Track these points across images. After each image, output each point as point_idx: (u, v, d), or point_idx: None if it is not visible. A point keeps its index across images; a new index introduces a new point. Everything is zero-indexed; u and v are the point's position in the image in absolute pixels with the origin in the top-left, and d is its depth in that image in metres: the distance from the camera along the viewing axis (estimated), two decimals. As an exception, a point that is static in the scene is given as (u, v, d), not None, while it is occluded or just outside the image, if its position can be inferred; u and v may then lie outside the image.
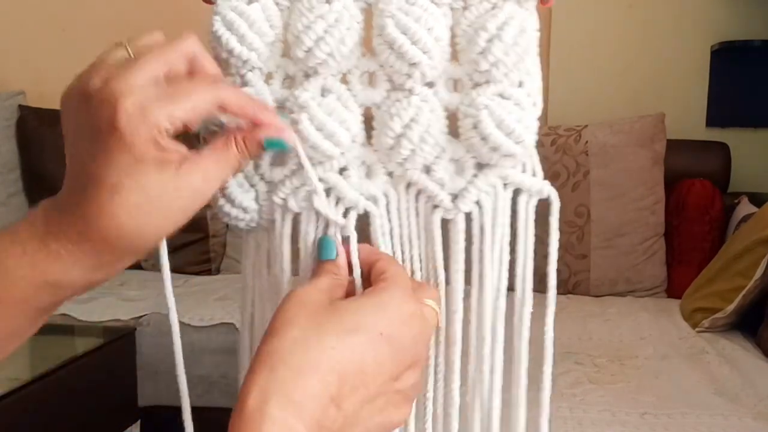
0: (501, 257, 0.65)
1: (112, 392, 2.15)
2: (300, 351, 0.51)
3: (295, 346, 0.51)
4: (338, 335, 0.52)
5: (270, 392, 0.49)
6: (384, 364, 0.54)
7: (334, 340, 0.52)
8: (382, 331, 0.54)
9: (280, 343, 0.51)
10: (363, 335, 0.53)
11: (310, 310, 0.54)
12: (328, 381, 0.50)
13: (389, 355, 0.54)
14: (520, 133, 0.60)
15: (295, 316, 0.53)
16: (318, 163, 0.63)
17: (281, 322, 0.53)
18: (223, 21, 0.62)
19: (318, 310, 0.54)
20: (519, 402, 0.66)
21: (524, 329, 0.66)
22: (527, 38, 0.61)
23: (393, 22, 0.60)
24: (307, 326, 0.52)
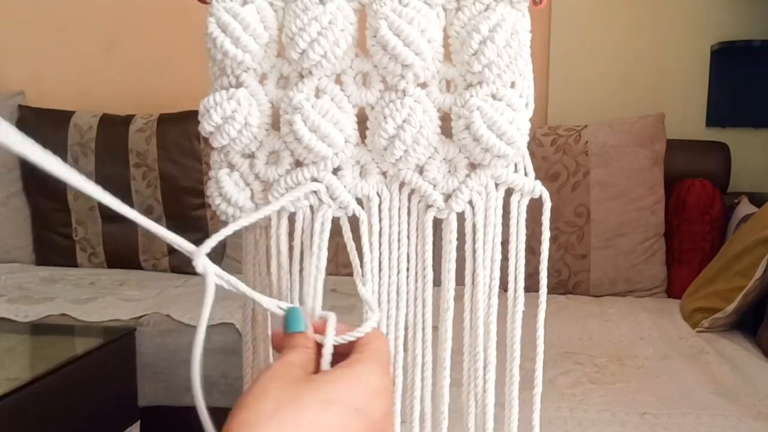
0: (493, 256, 0.65)
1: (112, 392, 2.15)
2: (275, 423, 0.48)
3: (270, 419, 0.49)
4: (315, 408, 0.50)
5: None
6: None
7: (311, 414, 0.50)
8: (357, 406, 0.52)
9: (254, 416, 0.49)
10: (339, 408, 0.51)
11: (285, 382, 0.52)
12: None
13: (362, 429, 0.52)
14: (512, 134, 0.61)
15: (269, 389, 0.51)
16: (312, 163, 0.63)
17: (255, 394, 0.51)
18: (217, 23, 0.62)
19: (293, 383, 0.52)
20: (512, 400, 0.66)
21: (517, 328, 0.66)
22: (520, 40, 0.61)
23: (386, 23, 0.61)
24: (283, 398, 0.50)
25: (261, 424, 0.48)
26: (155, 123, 2.94)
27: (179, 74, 3.10)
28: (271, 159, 0.65)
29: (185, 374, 2.55)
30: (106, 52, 3.27)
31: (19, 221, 3.07)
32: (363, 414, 0.52)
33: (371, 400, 0.53)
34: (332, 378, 0.53)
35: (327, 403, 0.51)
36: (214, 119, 0.63)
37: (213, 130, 0.63)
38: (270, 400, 0.50)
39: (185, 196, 2.90)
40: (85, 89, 3.27)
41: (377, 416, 0.53)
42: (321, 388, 0.52)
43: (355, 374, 0.54)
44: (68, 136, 2.97)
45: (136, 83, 3.24)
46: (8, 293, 2.54)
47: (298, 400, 0.50)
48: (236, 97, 0.63)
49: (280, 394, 0.50)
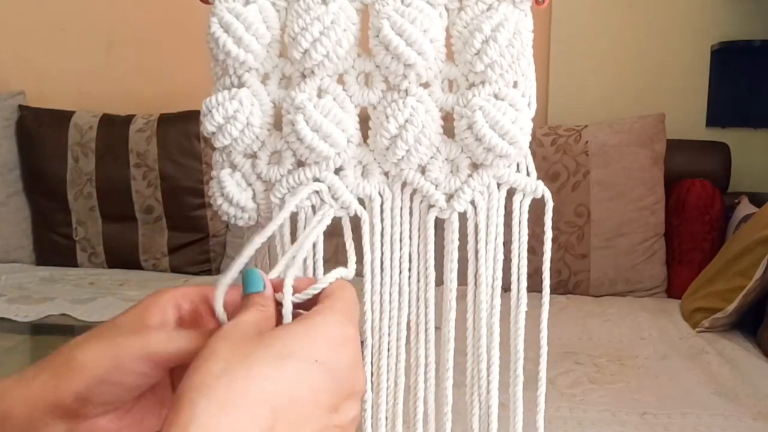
0: (495, 256, 0.65)
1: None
2: (224, 383, 0.45)
3: (218, 380, 0.45)
4: (268, 363, 0.47)
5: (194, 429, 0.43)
6: (321, 394, 0.49)
7: (265, 369, 0.46)
8: (316, 357, 0.49)
9: (200, 378, 0.45)
10: (295, 362, 0.48)
11: (235, 341, 0.48)
12: (258, 414, 0.45)
13: (326, 383, 0.49)
14: (514, 133, 0.61)
15: (218, 349, 0.47)
16: (314, 163, 0.64)
17: (203, 357, 0.47)
18: (220, 23, 0.62)
19: (243, 341, 0.49)
20: (516, 400, 0.66)
21: (520, 328, 0.66)
22: (522, 39, 0.61)
23: (389, 23, 0.61)
24: (232, 357, 0.47)
25: (210, 386, 0.45)
26: (155, 123, 2.93)
27: (179, 74, 3.10)
28: (273, 159, 0.65)
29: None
30: (106, 52, 3.27)
31: (19, 221, 3.07)
32: (324, 366, 0.49)
33: (332, 350, 0.50)
34: (287, 332, 0.50)
35: (281, 357, 0.48)
36: (216, 119, 0.63)
37: (215, 130, 0.63)
38: (219, 360, 0.46)
39: (185, 196, 2.90)
40: (85, 89, 3.27)
41: (342, 367, 0.50)
42: (274, 343, 0.48)
43: (314, 325, 0.51)
44: (68, 136, 2.97)
45: (136, 83, 3.24)
46: (8, 293, 2.54)
47: (248, 357, 0.47)
48: (238, 97, 0.63)
49: (229, 354, 0.47)
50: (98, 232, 2.99)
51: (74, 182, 2.97)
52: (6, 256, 3.05)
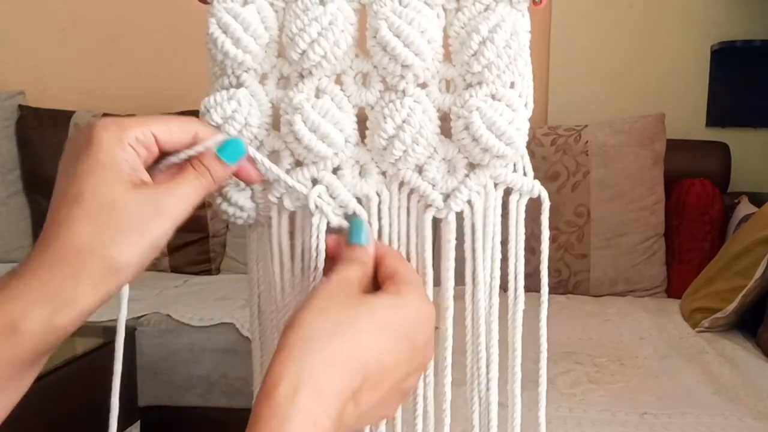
0: (492, 256, 0.65)
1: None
2: (334, 343, 0.50)
3: (330, 337, 0.50)
4: (371, 332, 0.52)
5: (302, 381, 0.48)
6: (401, 366, 0.54)
7: (367, 336, 0.52)
8: (405, 332, 0.54)
9: (314, 331, 0.51)
10: (391, 336, 0.53)
11: (343, 301, 0.53)
12: (355, 375, 0.50)
13: (407, 357, 0.54)
14: (511, 134, 0.61)
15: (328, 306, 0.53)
16: (312, 163, 0.64)
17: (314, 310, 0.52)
18: (218, 23, 0.62)
19: (351, 303, 0.54)
20: (514, 398, 0.67)
21: (517, 327, 0.66)
22: (519, 40, 0.61)
23: (386, 24, 0.61)
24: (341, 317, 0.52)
25: (322, 342, 0.50)
26: (155, 123, 2.93)
27: (179, 74, 3.10)
28: (272, 159, 0.65)
29: (185, 374, 2.55)
30: (106, 52, 3.27)
31: (19, 221, 3.07)
32: (410, 342, 0.55)
33: (417, 327, 0.56)
34: (387, 304, 0.55)
35: (381, 328, 0.53)
36: (214, 119, 0.63)
37: None
38: (329, 320, 0.51)
39: (185, 196, 2.89)
40: (85, 89, 3.27)
41: (421, 342, 0.56)
42: (376, 314, 0.54)
43: (406, 302, 0.56)
44: (68, 136, 2.97)
45: (136, 83, 3.24)
46: (8, 293, 2.53)
47: (354, 322, 0.52)
48: (236, 97, 0.63)
49: (338, 315, 0.52)
50: (98, 232, 2.98)
51: (74, 182, 2.96)
52: (6, 256, 3.05)
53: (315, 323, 0.51)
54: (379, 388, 0.52)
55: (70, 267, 0.52)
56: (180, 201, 0.56)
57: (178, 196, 0.56)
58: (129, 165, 0.56)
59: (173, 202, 0.56)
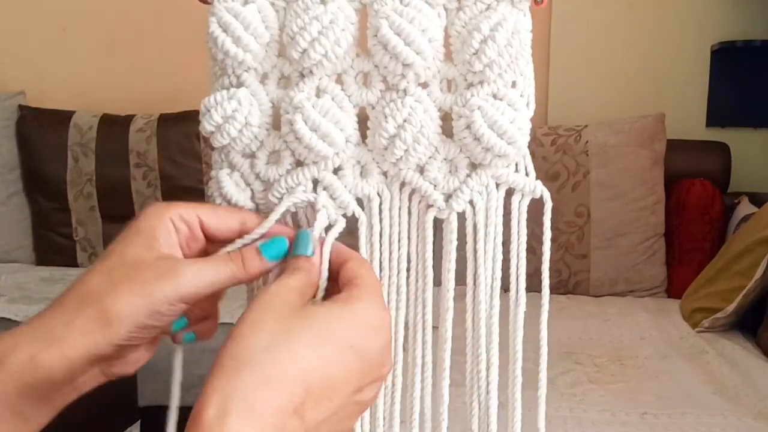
0: (494, 256, 0.65)
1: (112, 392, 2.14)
2: (268, 358, 0.48)
3: (262, 353, 0.48)
4: (309, 345, 0.49)
5: (232, 402, 0.45)
6: (351, 377, 0.51)
7: (304, 350, 0.49)
8: (352, 343, 0.51)
9: (246, 348, 0.48)
10: (334, 347, 0.50)
11: (280, 313, 0.51)
12: (294, 392, 0.47)
13: (357, 368, 0.51)
14: (513, 133, 0.61)
15: (262, 319, 0.50)
16: (313, 163, 0.64)
17: (248, 324, 0.50)
18: (218, 22, 0.62)
19: (288, 314, 0.51)
20: (515, 401, 0.66)
21: (518, 328, 0.66)
22: (521, 39, 0.61)
23: (387, 23, 0.61)
24: (276, 331, 0.49)
25: (254, 360, 0.47)
26: (155, 123, 2.94)
27: (179, 74, 3.10)
28: (272, 159, 0.65)
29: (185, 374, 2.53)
30: (106, 52, 3.27)
31: (19, 221, 3.07)
32: (358, 350, 0.51)
33: (367, 336, 0.52)
34: (328, 314, 0.52)
35: (321, 339, 0.50)
36: (214, 119, 0.63)
37: (213, 129, 0.63)
38: (263, 334, 0.49)
39: (185, 196, 2.89)
40: (85, 89, 3.27)
41: (374, 352, 0.53)
42: (315, 325, 0.51)
43: (353, 311, 0.53)
44: (68, 136, 2.97)
45: (136, 83, 3.24)
46: (8, 293, 2.54)
47: (292, 334, 0.49)
48: (237, 96, 0.63)
49: (273, 328, 0.49)
50: (98, 232, 2.99)
51: (74, 182, 2.97)
52: (6, 256, 3.05)
53: (248, 339, 0.49)
54: (326, 402, 0.50)
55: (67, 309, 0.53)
56: (195, 276, 0.55)
57: (195, 270, 0.55)
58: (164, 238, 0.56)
59: (188, 274, 0.55)
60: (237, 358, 0.48)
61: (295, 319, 0.51)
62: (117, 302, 0.52)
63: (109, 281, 0.53)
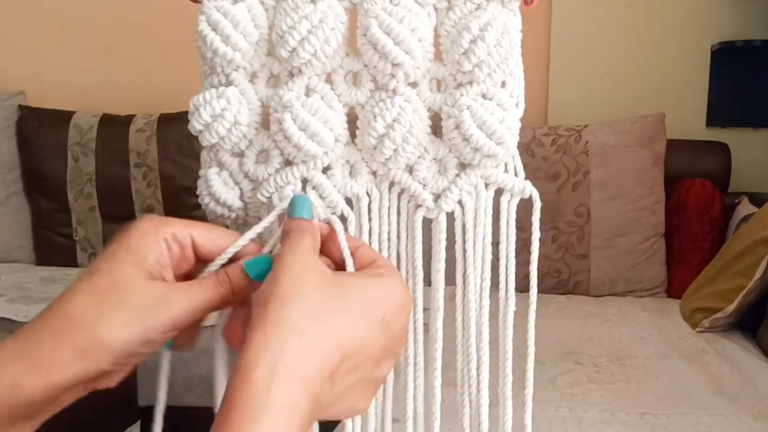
0: (483, 256, 0.65)
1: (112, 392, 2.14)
2: (312, 326, 0.50)
3: (307, 320, 0.50)
4: (350, 315, 0.52)
5: (280, 365, 0.47)
6: (376, 349, 0.53)
7: (345, 319, 0.51)
8: (384, 316, 0.54)
9: (291, 313, 0.50)
10: (369, 317, 0.53)
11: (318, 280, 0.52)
12: (332, 358, 0.50)
13: (384, 341, 0.54)
14: (502, 133, 0.61)
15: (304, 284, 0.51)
16: (302, 162, 0.63)
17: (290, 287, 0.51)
18: (207, 21, 0.62)
19: (326, 282, 0.53)
20: (505, 400, 0.66)
21: (508, 328, 0.66)
22: (510, 39, 0.61)
23: (377, 22, 0.61)
24: (318, 299, 0.51)
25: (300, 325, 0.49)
26: (155, 123, 2.94)
27: (179, 74, 3.09)
28: (261, 158, 0.65)
29: (185, 374, 2.55)
30: (106, 52, 3.27)
31: (19, 221, 3.08)
32: (387, 325, 0.54)
33: (396, 313, 0.55)
34: (363, 285, 0.55)
35: (361, 308, 0.53)
36: (203, 117, 0.63)
37: (202, 128, 0.63)
38: (310, 298, 0.51)
39: (185, 196, 2.90)
40: (85, 89, 3.27)
41: (397, 329, 0.55)
42: (357, 293, 0.53)
43: (385, 286, 0.55)
44: (68, 136, 2.97)
45: (136, 83, 3.24)
46: (8, 293, 2.54)
47: (336, 300, 0.52)
48: (226, 95, 0.63)
49: (318, 291, 0.51)
50: (98, 232, 2.99)
51: (74, 182, 2.97)
52: (6, 256, 3.05)
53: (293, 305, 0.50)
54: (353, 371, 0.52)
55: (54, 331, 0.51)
56: (187, 300, 0.55)
57: (186, 295, 0.55)
58: (155, 258, 0.55)
59: (180, 300, 0.55)
60: (284, 322, 0.49)
61: (336, 286, 0.53)
62: (109, 331, 0.52)
63: (98, 305, 0.52)
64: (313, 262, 0.54)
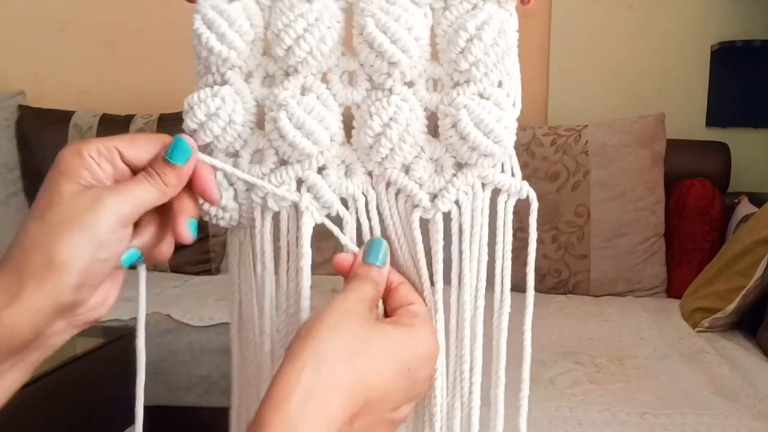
0: (480, 257, 0.65)
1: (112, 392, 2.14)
2: (346, 363, 0.52)
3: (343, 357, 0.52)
4: (381, 361, 0.54)
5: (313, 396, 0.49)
6: (398, 396, 0.55)
7: (375, 365, 0.53)
8: (410, 366, 0.56)
9: (329, 347, 0.52)
10: (397, 367, 0.55)
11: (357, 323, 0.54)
12: (357, 399, 0.52)
13: (406, 389, 0.56)
14: (498, 132, 0.60)
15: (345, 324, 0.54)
16: (297, 162, 0.63)
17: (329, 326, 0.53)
18: (203, 19, 0.62)
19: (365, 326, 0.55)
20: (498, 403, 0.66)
21: (502, 330, 0.66)
22: (507, 39, 0.61)
23: (373, 21, 0.60)
24: (355, 339, 0.53)
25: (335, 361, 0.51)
26: (155, 123, 2.94)
27: (179, 74, 3.07)
28: (256, 158, 0.65)
29: (185, 374, 2.55)
30: (106, 52, 3.27)
31: (19, 221, 3.04)
32: (412, 376, 0.56)
33: (422, 364, 0.58)
34: (400, 335, 0.57)
35: (390, 357, 0.55)
36: (197, 116, 0.63)
37: (196, 127, 0.63)
38: (345, 339, 0.53)
39: (185, 196, 2.89)
40: (85, 89, 3.27)
41: (421, 379, 0.58)
42: (389, 342, 0.55)
43: (418, 338, 0.57)
44: (68, 136, 2.97)
45: (136, 83, 3.24)
46: (8, 293, 2.53)
47: (368, 346, 0.54)
48: (221, 94, 0.62)
49: (354, 334, 0.54)
50: (98, 232, 2.99)
51: (74, 182, 2.96)
52: (6, 256, 3.04)
53: (330, 341, 0.52)
54: (372, 414, 0.54)
55: (16, 263, 0.53)
56: (123, 198, 0.56)
57: (121, 192, 0.56)
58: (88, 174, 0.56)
59: (115, 198, 0.56)
60: (321, 355, 0.51)
61: (371, 333, 0.55)
62: (59, 244, 0.53)
63: (46, 225, 0.54)
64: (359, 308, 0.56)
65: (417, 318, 0.59)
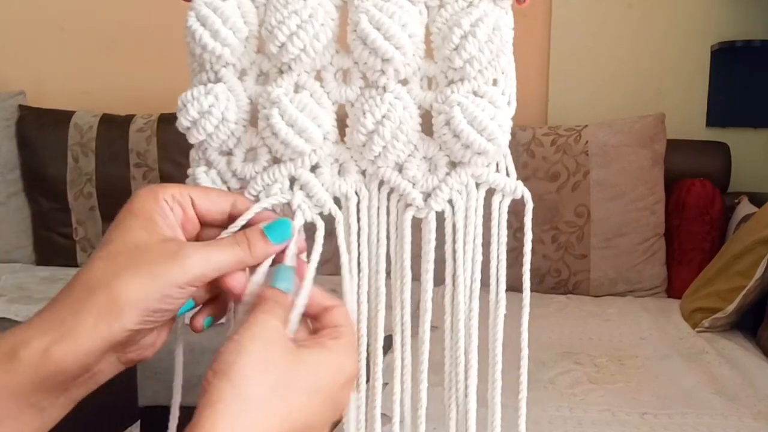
0: (474, 257, 0.64)
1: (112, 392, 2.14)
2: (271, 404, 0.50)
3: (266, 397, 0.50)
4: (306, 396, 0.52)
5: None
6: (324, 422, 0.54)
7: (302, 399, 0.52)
8: (332, 392, 0.54)
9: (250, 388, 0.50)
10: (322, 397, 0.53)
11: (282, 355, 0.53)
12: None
13: (330, 414, 0.55)
14: (492, 130, 0.60)
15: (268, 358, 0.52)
16: (290, 160, 0.63)
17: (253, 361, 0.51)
18: (197, 16, 0.62)
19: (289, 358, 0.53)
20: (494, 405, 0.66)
21: (498, 331, 0.65)
22: (502, 36, 0.61)
23: (367, 17, 0.60)
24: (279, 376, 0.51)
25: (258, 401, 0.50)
26: (155, 123, 2.94)
27: (179, 74, 3.06)
28: (249, 156, 0.65)
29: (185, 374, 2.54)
30: (106, 52, 3.27)
31: (19, 221, 3.07)
32: (336, 401, 0.55)
33: (343, 386, 0.56)
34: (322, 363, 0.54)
35: (314, 390, 0.53)
36: (191, 114, 0.62)
37: (189, 125, 0.63)
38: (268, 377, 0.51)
39: (185, 196, 2.89)
40: (85, 89, 3.27)
41: (344, 400, 0.57)
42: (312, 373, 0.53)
43: (338, 363, 0.55)
44: (68, 136, 2.97)
45: (136, 83, 3.24)
46: (8, 293, 2.54)
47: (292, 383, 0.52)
48: (214, 92, 0.62)
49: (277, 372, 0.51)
50: (98, 232, 2.99)
51: (74, 182, 2.97)
52: (6, 256, 3.05)
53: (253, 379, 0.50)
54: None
55: (76, 299, 0.52)
56: (203, 259, 0.55)
57: (201, 252, 0.56)
58: (162, 220, 0.57)
59: (196, 257, 0.55)
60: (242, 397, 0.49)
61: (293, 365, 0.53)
62: (126, 287, 0.53)
63: (114, 266, 0.53)
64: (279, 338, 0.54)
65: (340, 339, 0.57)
